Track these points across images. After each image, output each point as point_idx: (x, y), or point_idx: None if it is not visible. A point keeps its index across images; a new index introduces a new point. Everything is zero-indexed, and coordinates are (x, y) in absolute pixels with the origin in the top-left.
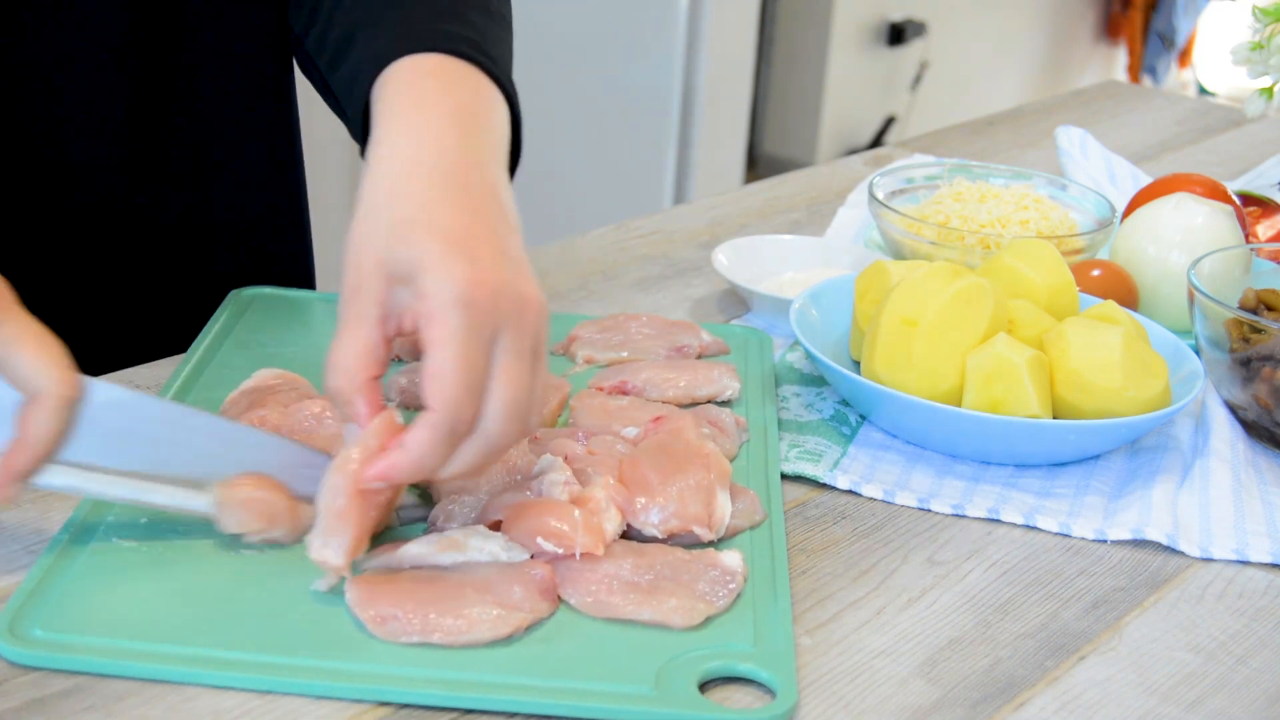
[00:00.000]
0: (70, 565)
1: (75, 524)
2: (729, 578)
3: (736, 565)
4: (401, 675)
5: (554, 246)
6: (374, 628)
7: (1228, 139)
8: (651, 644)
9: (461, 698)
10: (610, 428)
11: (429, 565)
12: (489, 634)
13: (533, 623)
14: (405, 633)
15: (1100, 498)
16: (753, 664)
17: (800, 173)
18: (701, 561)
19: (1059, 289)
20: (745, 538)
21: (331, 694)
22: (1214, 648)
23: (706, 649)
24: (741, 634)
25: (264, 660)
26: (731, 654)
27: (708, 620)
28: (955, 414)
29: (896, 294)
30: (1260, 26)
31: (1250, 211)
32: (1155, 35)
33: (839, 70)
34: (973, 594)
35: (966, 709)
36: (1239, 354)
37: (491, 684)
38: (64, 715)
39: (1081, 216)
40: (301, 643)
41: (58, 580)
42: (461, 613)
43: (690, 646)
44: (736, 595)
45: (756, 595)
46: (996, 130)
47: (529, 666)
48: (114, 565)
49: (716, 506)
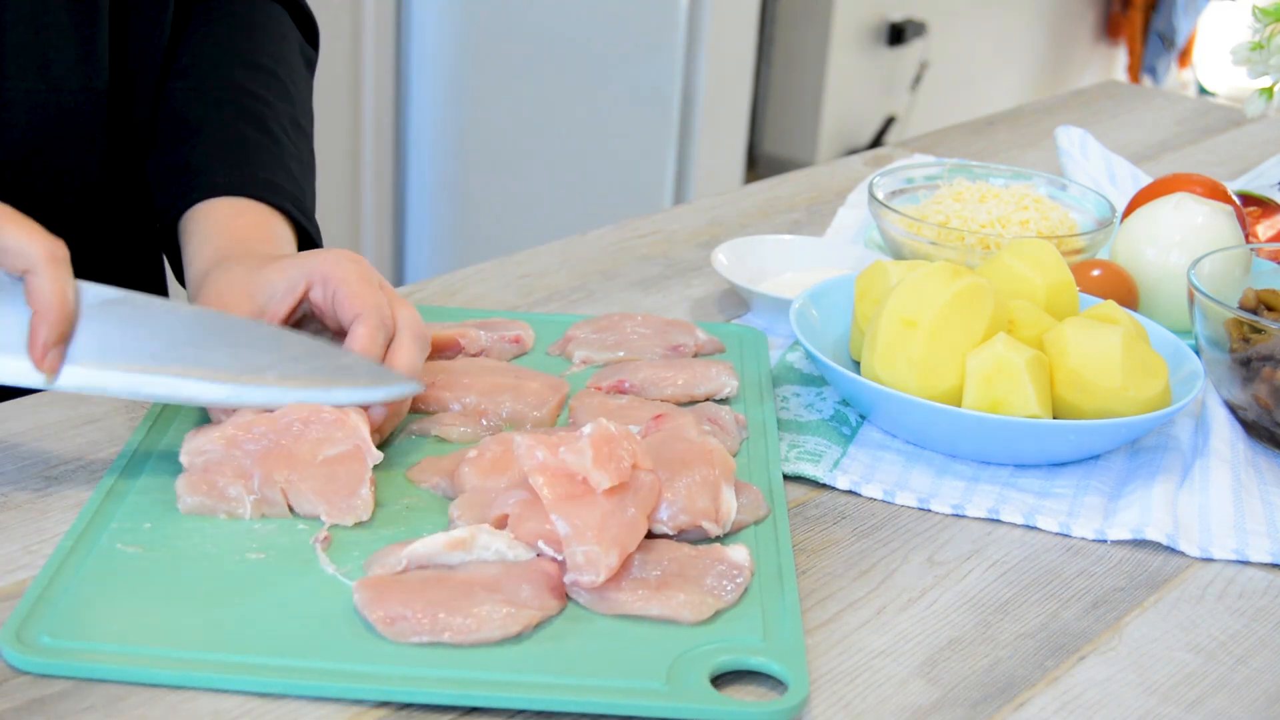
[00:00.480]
0: (75, 571)
1: (78, 530)
2: (736, 572)
3: (743, 560)
4: (412, 675)
5: (554, 246)
6: (383, 628)
7: (1228, 139)
8: (661, 639)
9: (473, 696)
10: None
11: (436, 564)
12: (499, 632)
13: (542, 620)
14: (415, 633)
15: (1100, 498)
16: (764, 657)
17: (800, 173)
18: (708, 556)
19: (1059, 289)
20: (750, 532)
21: (342, 695)
22: (1214, 648)
23: (717, 643)
24: (751, 628)
25: (272, 663)
26: (742, 648)
27: (717, 614)
28: (955, 414)
29: (896, 294)
30: (1260, 26)
31: (1250, 211)
32: (1155, 35)
33: (839, 70)
34: (973, 594)
35: (966, 709)
36: (1239, 354)
37: (503, 682)
38: (64, 715)
39: (1081, 216)
40: (308, 646)
41: (63, 586)
42: (471, 612)
43: (700, 641)
44: (744, 589)
45: (764, 589)
46: (996, 130)
47: (540, 664)
48: (119, 571)
49: (723, 501)
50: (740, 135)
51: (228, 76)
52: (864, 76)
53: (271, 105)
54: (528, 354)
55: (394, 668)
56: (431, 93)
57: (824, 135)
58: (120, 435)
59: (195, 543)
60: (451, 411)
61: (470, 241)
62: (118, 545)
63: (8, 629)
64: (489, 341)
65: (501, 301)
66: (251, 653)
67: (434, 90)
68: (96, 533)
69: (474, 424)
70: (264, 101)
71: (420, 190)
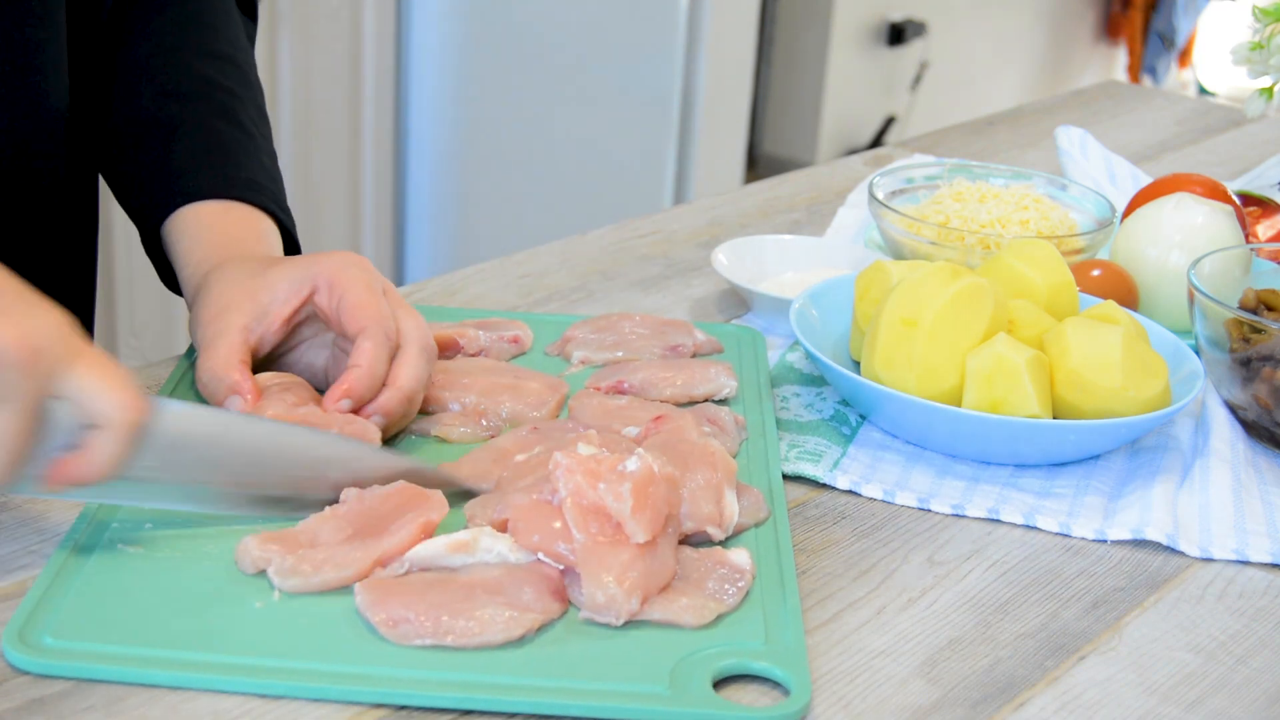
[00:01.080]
0: (78, 572)
1: (80, 531)
2: (738, 575)
3: (745, 563)
4: (414, 678)
5: (554, 246)
6: (385, 631)
7: (1228, 139)
8: (664, 643)
9: (475, 699)
10: (610, 427)
11: (439, 567)
12: (501, 636)
13: (544, 623)
14: (418, 635)
15: (1100, 498)
16: (766, 661)
17: (800, 173)
18: (710, 560)
19: (1059, 289)
20: (751, 535)
21: (342, 698)
22: (1214, 648)
23: (719, 647)
24: (753, 632)
25: (273, 665)
26: (744, 652)
27: (719, 618)
28: (956, 414)
29: (897, 294)
30: (1260, 26)
31: (1250, 211)
32: (1155, 35)
33: (839, 70)
34: (973, 594)
35: (966, 709)
36: (1239, 354)
37: (505, 685)
38: (64, 715)
39: (1081, 216)
40: (310, 647)
41: (66, 587)
42: (474, 615)
43: (702, 645)
44: (746, 593)
45: (765, 593)
46: (996, 130)
47: (542, 667)
48: (121, 572)
49: (725, 505)
50: (740, 135)
51: (192, 69)
52: (864, 76)
53: (238, 96)
54: (526, 354)
55: (395, 670)
56: (431, 92)
57: (824, 135)
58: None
59: (197, 543)
60: (451, 411)
61: (470, 241)
62: (119, 546)
63: (10, 629)
64: (488, 341)
65: (501, 302)
66: (253, 654)
67: (434, 90)
68: (98, 533)
69: (474, 424)
70: (231, 93)
71: (420, 190)
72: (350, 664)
